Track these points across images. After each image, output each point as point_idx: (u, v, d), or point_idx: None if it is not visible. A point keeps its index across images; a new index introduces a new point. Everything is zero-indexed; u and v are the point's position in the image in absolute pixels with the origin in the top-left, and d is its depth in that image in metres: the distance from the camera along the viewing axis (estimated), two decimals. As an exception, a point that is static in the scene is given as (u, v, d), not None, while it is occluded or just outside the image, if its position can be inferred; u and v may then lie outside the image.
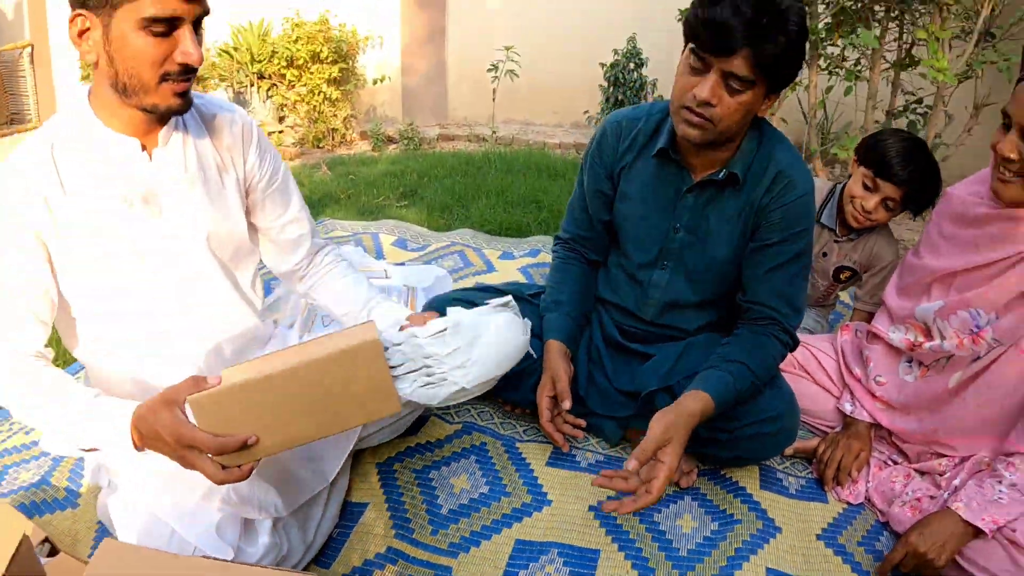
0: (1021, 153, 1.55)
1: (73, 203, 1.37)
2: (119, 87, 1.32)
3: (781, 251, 1.79)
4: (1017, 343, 1.64)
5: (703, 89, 1.58)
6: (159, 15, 1.25)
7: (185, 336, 1.54)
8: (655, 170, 1.87)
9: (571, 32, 6.72)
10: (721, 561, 1.65)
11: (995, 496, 1.56)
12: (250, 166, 1.60)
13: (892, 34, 3.51)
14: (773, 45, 1.52)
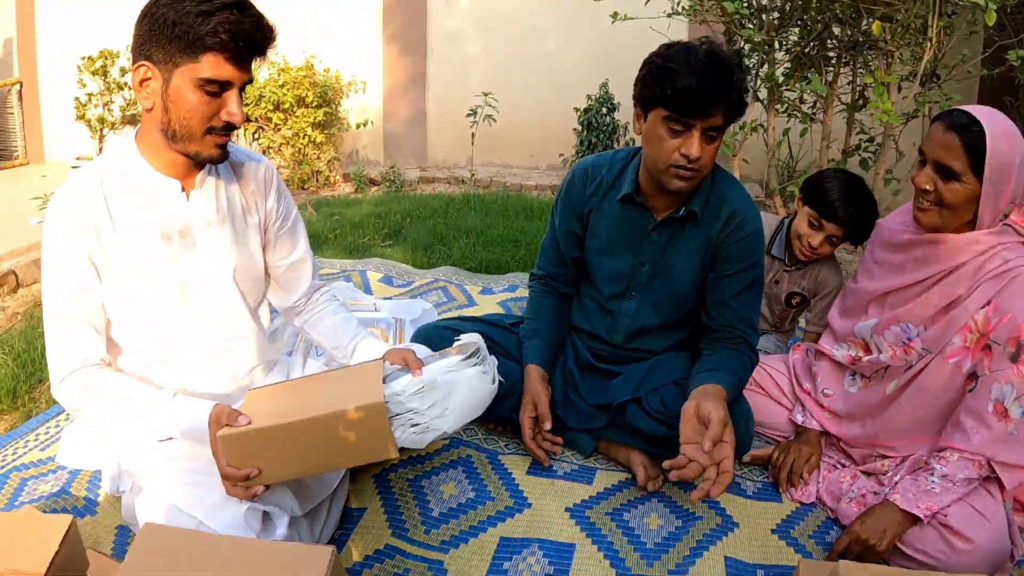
0: (935, 185, 1.78)
1: (119, 233, 1.59)
2: (168, 133, 1.54)
3: (740, 279, 2.04)
4: (943, 351, 1.86)
5: (692, 148, 1.83)
6: (214, 78, 1.48)
7: (207, 356, 1.76)
8: (620, 212, 2.11)
9: (546, 78, 7.00)
10: (684, 552, 1.83)
11: (928, 487, 1.76)
12: (269, 209, 1.83)
13: (846, 77, 3.79)
14: (738, 96, 1.81)
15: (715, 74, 1.76)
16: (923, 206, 1.84)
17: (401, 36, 7.22)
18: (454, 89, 7.18)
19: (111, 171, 1.60)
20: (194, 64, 1.47)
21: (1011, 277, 1.76)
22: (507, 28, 7.13)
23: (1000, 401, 1.73)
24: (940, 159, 1.77)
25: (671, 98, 1.79)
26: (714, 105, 1.78)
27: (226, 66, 1.48)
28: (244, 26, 1.47)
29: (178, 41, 1.45)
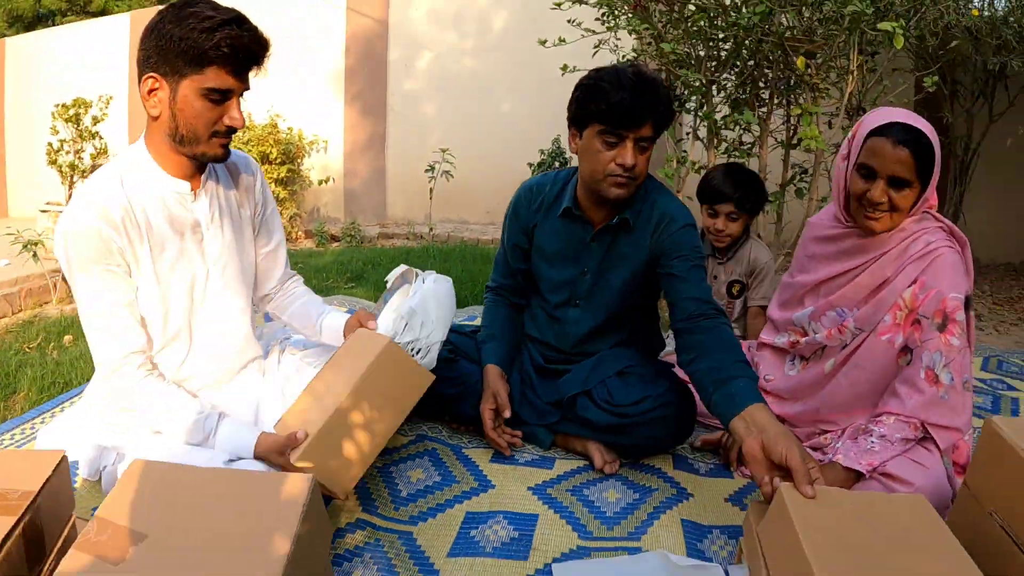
0: (889, 196, 1.93)
1: (141, 230, 1.75)
2: (176, 137, 1.72)
3: (685, 260, 2.13)
4: (875, 329, 2.02)
5: (627, 157, 2.03)
6: (218, 87, 1.66)
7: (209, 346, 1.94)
8: (562, 226, 2.30)
9: (501, 135, 7.27)
10: (643, 517, 1.93)
11: (868, 446, 1.89)
12: (256, 200, 2.02)
13: (781, 117, 4.05)
14: (666, 110, 2.03)
15: (642, 89, 1.98)
16: (875, 216, 1.97)
17: (362, 97, 7.47)
18: (412, 148, 7.41)
19: (128, 172, 1.76)
20: (199, 75, 1.64)
21: (933, 257, 1.94)
22: (463, 89, 7.42)
23: (931, 368, 1.89)
24: (895, 173, 1.90)
25: (605, 112, 2.00)
26: (644, 117, 1.99)
27: (228, 77, 1.66)
28: (243, 40, 1.65)
29: (184, 55, 1.61)
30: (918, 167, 1.88)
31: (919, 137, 1.88)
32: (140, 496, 1.27)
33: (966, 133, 5.80)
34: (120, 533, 1.15)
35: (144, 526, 1.17)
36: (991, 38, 4.89)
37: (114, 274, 1.71)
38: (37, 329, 3.90)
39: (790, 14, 3.44)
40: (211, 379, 1.96)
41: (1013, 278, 5.93)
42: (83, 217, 1.68)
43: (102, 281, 1.70)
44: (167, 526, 1.19)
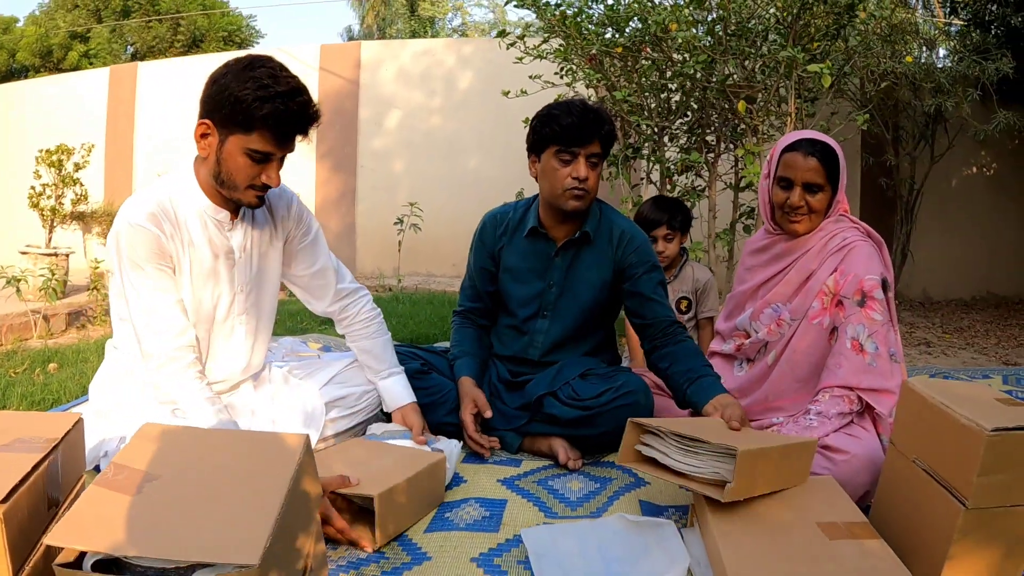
0: (806, 200, 2.26)
1: (185, 246, 1.94)
2: (218, 180, 1.90)
3: (650, 278, 2.48)
4: (807, 316, 2.26)
5: (580, 170, 2.34)
6: (259, 150, 1.83)
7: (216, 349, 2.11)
8: (527, 245, 2.56)
9: (467, 190, 7.53)
10: (603, 500, 2.08)
11: (807, 424, 2.09)
12: (289, 230, 2.19)
13: (729, 163, 4.34)
14: (606, 128, 2.36)
15: (587, 113, 2.33)
16: (797, 219, 2.29)
17: (333, 154, 7.70)
18: (382, 203, 7.63)
19: (177, 192, 1.95)
20: (246, 136, 1.81)
21: (850, 248, 2.23)
22: (431, 146, 7.68)
23: (855, 339, 2.13)
24: (808, 179, 2.24)
25: (559, 134, 2.33)
26: (591, 134, 2.33)
27: (271, 144, 1.83)
28: (291, 115, 1.81)
29: (236, 115, 1.78)
30: (827, 172, 2.22)
31: (824, 147, 2.23)
32: (153, 448, 1.40)
33: (910, 175, 6.13)
34: (135, 474, 1.30)
35: (157, 470, 1.32)
36: (927, 82, 5.24)
37: (166, 273, 1.90)
38: (22, 358, 4.00)
39: (732, 63, 3.74)
40: (222, 383, 2.15)
41: (963, 312, 6.21)
42: (139, 219, 1.86)
43: (155, 279, 1.88)
44: (178, 471, 1.33)
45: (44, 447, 1.38)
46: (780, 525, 1.58)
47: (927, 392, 1.64)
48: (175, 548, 1.13)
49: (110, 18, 18.10)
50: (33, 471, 1.32)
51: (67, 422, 1.51)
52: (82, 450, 1.59)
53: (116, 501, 1.22)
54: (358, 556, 1.76)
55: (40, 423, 1.51)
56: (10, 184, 8.58)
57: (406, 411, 2.33)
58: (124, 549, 1.12)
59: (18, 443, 1.40)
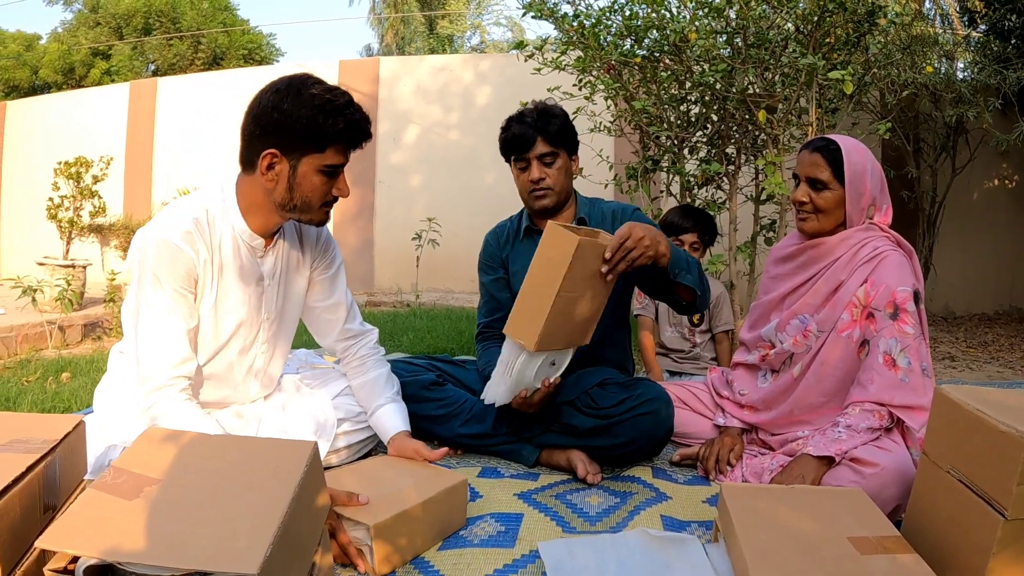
0: (810, 197, 2.20)
1: (215, 271, 1.91)
2: (288, 207, 1.88)
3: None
4: (835, 328, 2.18)
5: (533, 173, 2.44)
6: (335, 164, 1.84)
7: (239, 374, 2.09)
8: (528, 246, 2.59)
9: (485, 206, 7.49)
10: (623, 515, 2.01)
11: (836, 436, 2.01)
12: (315, 258, 2.18)
13: (749, 175, 4.27)
14: (552, 126, 2.41)
15: (529, 118, 2.42)
16: (803, 217, 2.25)
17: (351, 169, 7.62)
18: (399, 219, 7.61)
19: (216, 216, 1.91)
20: (319, 155, 1.81)
21: (881, 258, 2.14)
22: (448, 161, 7.66)
23: (888, 353, 2.05)
24: (810, 175, 2.20)
25: (507, 144, 2.48)
26: (532, 138, 2.41)
27: (343, 155, 1.85)
28: (360, 123, 1.84)
29: (307, 136, 1.77)
30: (833, 170, 2.17)
31: (829, 144, 2.19)
32: (155, 452, 1.36)
33: (931, 188, 6.04)
34: (135, 479, 1.25)
35: (157, 475, 1.27)
36: (947, 93, 5.17)
37: (185, 298, 1.85)
38: (35, 367, 3.99)
39: (751, 73, 3.68)
40: (225, 402, 2.13)
41: (987, 326, 6.09)
42: (171, 234, 1.81)
43: (172, 301, 1.82)
44: (179, 476, 1.28)
45: (41, 448, 1.34)
46: (810, 540, 1.51)
47: (962, 399, 1.57)
48: (171, 555, 1.08)
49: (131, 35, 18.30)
50: (28, 472, 1.28)
51: (67, 424, 1.47)
52: (83, 453, 1.55)
53: (113, 505, 1.18)
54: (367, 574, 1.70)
55: (41, 425, 1.47)
56: (30, 197, 8.64)
57: (397, 440, 2.17)
58: (118, 555, 1.07)
59: (16, 443, 1.37)
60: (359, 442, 2.32)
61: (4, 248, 9.44)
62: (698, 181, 4.14)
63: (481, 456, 2.48)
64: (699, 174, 4.03)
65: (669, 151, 4.25)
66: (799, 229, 2.29)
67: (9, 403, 3.11)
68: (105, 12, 18.52)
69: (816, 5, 3.41)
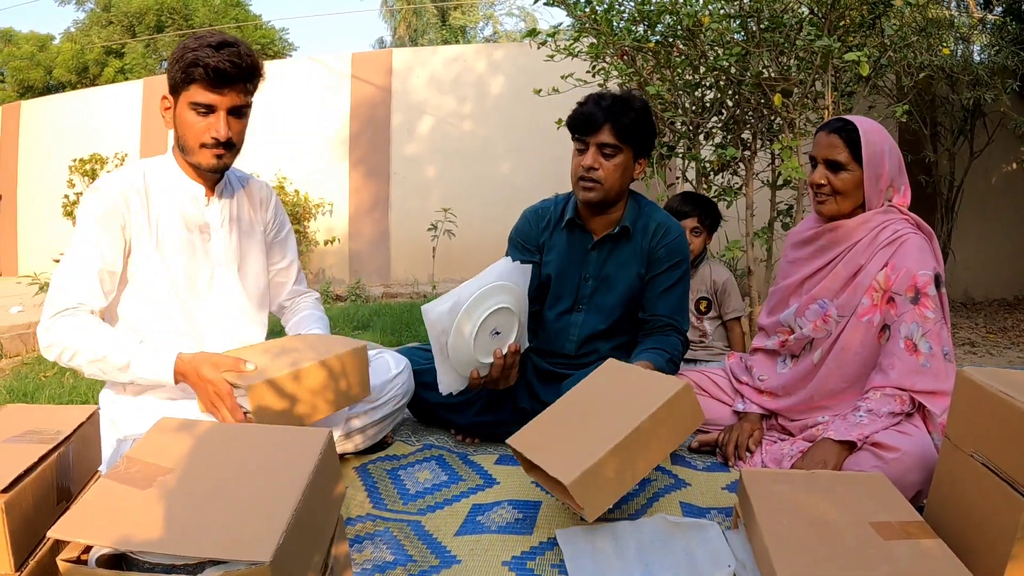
0: (828, 178, 2.17)
1: (152, 216, 1.95)
2: (179, 146, 1.96)
3: (669, 276, 2.40)
4: (856, 313, 2.15)
5: (587, 159, 2.30)
6: (199, 102, 1.89)
7: (204, 327, 2.04)
8: (567, 238, 2.49)
9: (500, 197, 7.47)
10: (643, 501, 2.00)
11: (857, 421, 1.99)
12: (267, 220, 2.22)
13: (765, 161, 4.23)
14: (626, 118, 2.26)
15: (603, 99, 2.29)
16: (821, 199, 2.22)
17: (366, 161, 7.70)
18: (414, 210, 7.60)
19: (153, 168, 2.01)
20: (187, 91, 1.90)
21: (901, 242, 2.11)
22: (463, 152, 7.65)
23: (909, 338, 2.02)
24: (828, 156, 2.17)
25: (572, 122, 2.32)
26: (599, 122, 2.27)
27: (206, 93, 1.88)
28: (219, 59, 1.86)
29: (176, 74, 1.89)
30: (850, 151, 2.13)
31: (846, 125, 2.15)
32: (168, 441, 1.37)
33: (949, 172, 5.97)
34: (147, 468, 1.24)
35: (170, 464, 1.27)
36: (964, 75, 5.10)
37: (109, 240, 1.88)
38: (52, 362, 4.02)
39: (766, 56, 3.64)
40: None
41: (1006, 312, 6.02)
42: (103, 185, 1.92)
43: (94, 241, 1.87)
44: (192, 465, 1.28)
45: (55, 439, 1.35)
46: (832, 526, 1.49)
47: (986, 381, 1.54)
48: (184, 544, 1.08)
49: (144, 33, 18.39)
50: (40, 462, 1.28)
51: (81, 414, 1.47)
52: (97, 443, 1.55)
53: (127, 495, 1.18)
54: (384, 559, 1.71)
55: (56, 416, 1.48)
56: (46, 195, 8.69)
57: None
58: (131, 544, 1.07)
59: (31, 434, 1.38)
60: (374, 422, 2.31)
61: (21, 246, 9.50)
62: (714, 167, 4.11)
63: (499, 444, 2.47)
64: (715, 160, 3.99)
65: (684, 137, 4.21)
66: (817, 212, 2.26)
67: (27, 398, 3.14)
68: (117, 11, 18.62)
69: (831, -14, 3.37)
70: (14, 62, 18.11)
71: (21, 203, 9.47)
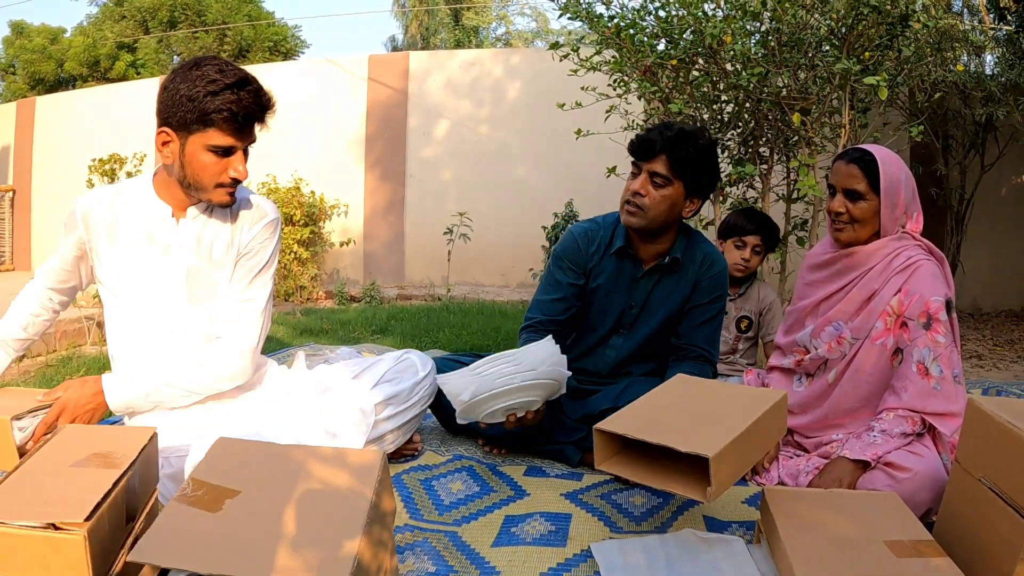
0: (846, 207, 2.27)
1: (117, 229, 2.04)
2: (185, 184, 1.97)
3: (709, 309, 2.50)
4: (870, 336, 2.26)
5: (636, 184, 2.34)
6: (220, 145, 1.89)
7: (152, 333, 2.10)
8: (616, 263, 2.54)
9: (516, 200, 7.56)
10: (667, 515, 2.10)
11: (871, 440, 2.10)
12: (246, 240, 2.12)
13: (780, 175, 4.33)
14: (684, 152, 2.29)
15: (668, 131, 2.30)
16: (839, 227, 2.32)
17: (382, 163, 7.79)
18: (430, 213, 7.70)
19: (126, 190, 2.09)
20: (203, 134, 1.87)
21: (915, 268, 2.22)
22: (479, 156, 7.74)
23: (921, 362, 2.13)
24: (847, 185, 2.27)
25: (632, 145, 2.35)
26: (656, 150, 2.30)
27: (229, 136, 1.89)
28: (243, 103, 1.87)
29: (191, 114, 1.84)
30: (869, 180, 2.22)
31: (865, 155, 2.24)
32: (229, 463, 1.45)
33: (960, 185, 6.05)
34: (214, 491, 1.34)
35: (235, 486, 1.36)
36: (978, 91, 5.18)
37: (67, 246, 2.10)
38: (77, 364, 4.12)
39: (785, 75, 3.73)
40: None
41: (1013, 323, 6.10)
42: (77, 203, 2.06)
43: (61, 242, 2.11)
44: (256, 487, 1.37)
45: (123, 463, 1.44)
46: (849, 543, 1.59)
47: (994, 411, 1.64)
48: (261, 567, 1.16)
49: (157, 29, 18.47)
50: (113, 488, 1.36)
51: (143, 437, 1.56)
52: (156, 464, 1.65)
53: (197, 518, 1.27)
54: (427, 570, 1.80)
55: (116, 438, 1.56)
56: (62, 192, 8.80)
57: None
58: (209, 567, 1.15)
59: (96, 458, 1.46)
60: (400, 426, 2.37)
61: (35, 244, 9.61)
62: (730, 180, 4.21)
63: (526, 455, 2.58)
64: (732, 174, 4.09)
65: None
66: (835, 239, 2.35)
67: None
68: (130, 5, 18.70)
69: (850, 8, 3.46)
70: (25, 55, 18.22)
71: (35, 200, 9.58)
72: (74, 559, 1.24)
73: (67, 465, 1.44)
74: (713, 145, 2.40)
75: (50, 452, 1.49)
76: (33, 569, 1.24)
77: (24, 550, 1.23)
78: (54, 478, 1.38)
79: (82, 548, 1.23)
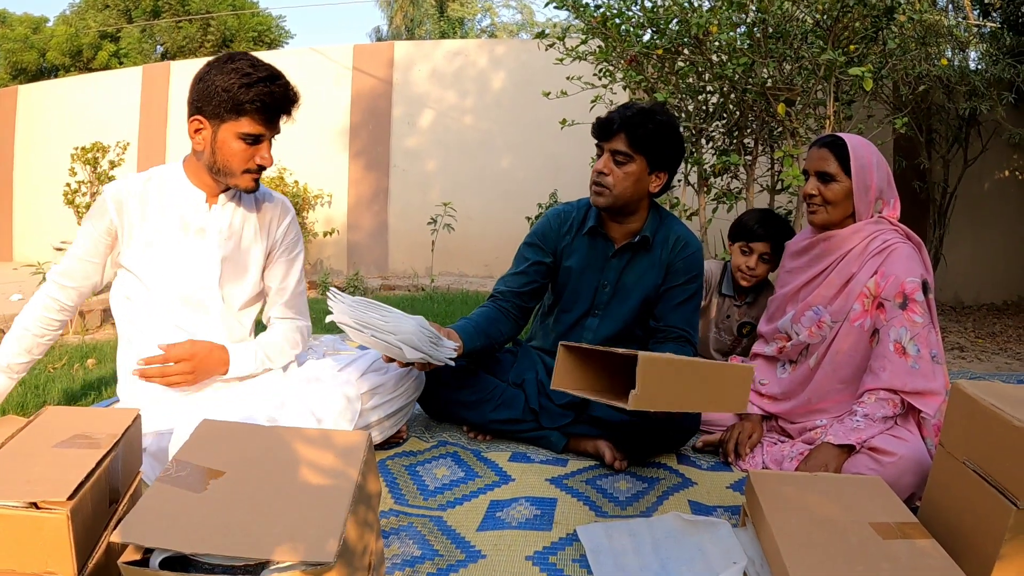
0: (819, 189, 2.32)
1: (147, 214, 2.10)
2: (214, 170, 2.08)
3: (684, 290, 2.51)
4: (848, 318, 2.29)
5: (599, 164, 2.39)
6: (251, 132, 2.01)
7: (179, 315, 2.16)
8: (588, 243, 2.57)
9: (500, 191, 7.55)
10: (652, 500, 2.11)
11: (854, 425, 2.12)
12: (276, 238, 2.30)
13: (765, 166, 4.34)
14: (643, 129, 2.33)
15: (627, 111, 2.35)
16: (813, 209, 2.37)
17: (366, 153, 7.76)
18: (414, 203, 7.68)
19: (157, 175, 2.15)
20: (236, 122, 2.00)
21: (891, 250, 2.26)
22: (464, 146, 7.72)
23: (898, 341, 2.15)
24: (819, 168, 2.32)
25: (594, 127, 2.41)
26: (614, 131, 2.35)
27: (260, 125, 2.02)
28: (275, 96, 2.01)
29: (225, 104, 1.97)
30: (839, 163, 2.28)
31: (836, 140, 2.31)
32: (213, 445, 1.44)
33: (943, 179, 6.10)
34: (198, 471, 1.33)
35: (219, 467, 1.35)
36: (962, 86, 5.22)
37: (94, 237, 2.10)
38: (60, 353, 4.08)
39: (771, 66, 3.74)
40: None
41: (995, 316, 6.16)
42: (107, 190, 2.11)
43: (87, 234, 2.11)
44: (241, 468, 1.36)
45: (106, 443, 1.43)
46: (835, 525, 1.60)
47: (978, 394, 1.66)
48: (247, 546, 1.15)
49: (140, 18, 18.30)
50: (96, 468, 1.35)
51: (126, 418, 1.55)
52: (139, 446, 1.64)
53: (182, 498, 1.26)
54: (412, 554, 1.80)
55: (99, 419, 1.55)
56: (44, 182, 8.72)
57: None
58: (194, 546, 1.14)
59: (79, 439, 1.45)
60: (388, 415, 2.38)
61: (17, 233, 9.52)
62: (715, 170, 4.22)
63: (510, 441, 2.58)
64: (716, 164, 4.10)
65: (687, 141, 4.32)
66: (810, 222, 2.40)
67: (39, 390, 3.18)
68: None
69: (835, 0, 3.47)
70: (7, 44, 18.02)
71: (17, 189, 9.49)
72: (57, 538, 1.22)
73: (50, 446, 1.42)
74: (672, 120, 2.43)
75: (33, 433, 1.48)
76: (15, 548, 1.22)
77: (6, 529, 1.21)
78: (36, 458, 1.37)
79: (65, 527, 1.22)
